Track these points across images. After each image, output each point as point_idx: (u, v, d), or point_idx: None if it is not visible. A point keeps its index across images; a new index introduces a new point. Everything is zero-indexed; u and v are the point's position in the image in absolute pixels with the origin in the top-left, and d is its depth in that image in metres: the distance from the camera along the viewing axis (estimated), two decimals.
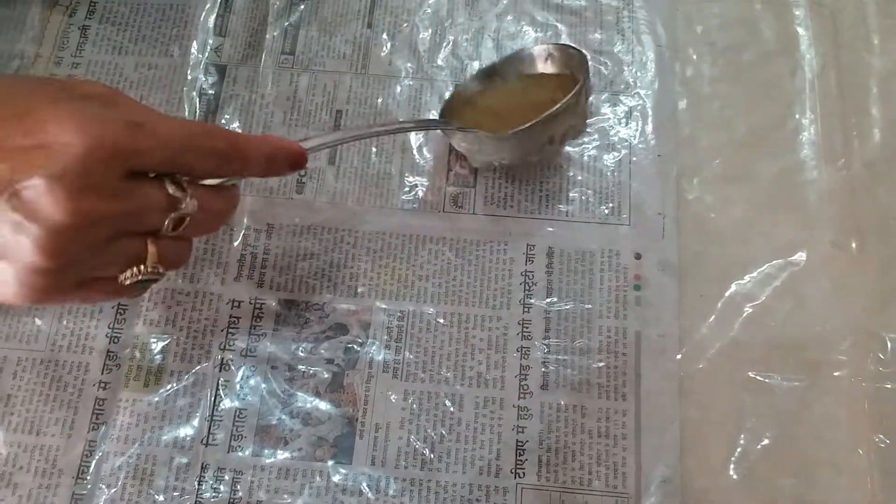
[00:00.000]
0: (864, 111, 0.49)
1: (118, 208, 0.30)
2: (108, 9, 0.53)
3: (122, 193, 0.30)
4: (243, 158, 0.35)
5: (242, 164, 0.35)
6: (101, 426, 0.43)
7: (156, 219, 0.32)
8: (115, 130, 0.30)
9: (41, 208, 0.28)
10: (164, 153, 0.31)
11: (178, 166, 0.32)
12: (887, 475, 0.42)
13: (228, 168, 0.34)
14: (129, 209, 0.31)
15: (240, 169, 0.35)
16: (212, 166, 0.33)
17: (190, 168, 0.33)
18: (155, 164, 0.31)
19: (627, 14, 0.52)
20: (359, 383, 0.44)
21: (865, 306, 0.45)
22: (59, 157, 0.29)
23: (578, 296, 0.46)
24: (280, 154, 0.37)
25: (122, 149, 0.30)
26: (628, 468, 0.42)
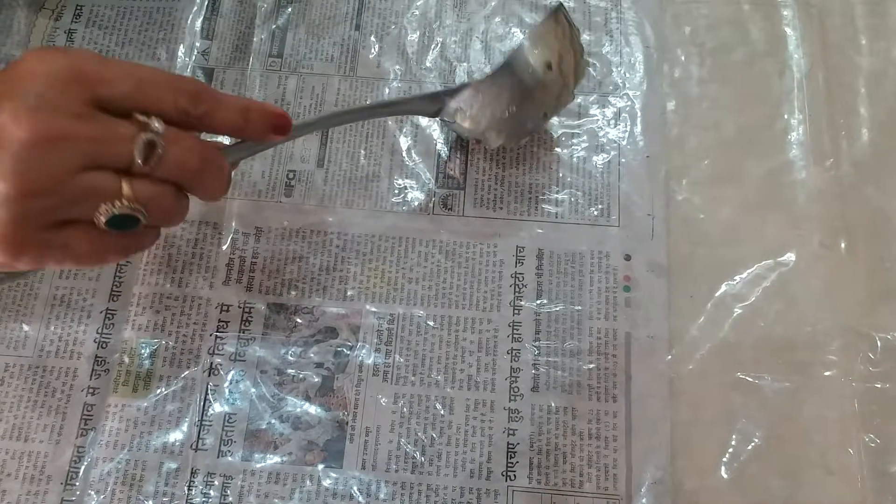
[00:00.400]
0: (853, 111, 0.49)
1: (82, 130, 0.30)
2: (94, 12, 0.53)
3: (87, 117, 0.30)
4: (215, 101, 0.34)
5: (214, 106, 0.34)
6: (89, 432, 0.43)
7: (124, 147, 0.31)
8: (81, 58, 0.30)
9: (6, 130, 0.28)
10: (130, 83, 0.31)
11: (145, 99, 0.31)
12: (877, 475, 0.42)
13: (197, 109, 0.33)
14: (94, 133, 0.30)
15: (211, 111, 0.34)
16: (181, 103, 0.32)
17: (157, 102, 0.32)
18: (120, 95, 0.31)
19: (616, 15, 0.52)
20: (349, 387, 0.44)
21: (855, 306, 0.45)
22: (22, 83, 0.29)
23: (568, 297, 0.46)
24: (257, 109, 0.36)
25: (88, 73, 0.30)
26: (619, 470, 0.42)
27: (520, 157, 0.49)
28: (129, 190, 0.31)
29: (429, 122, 0.49)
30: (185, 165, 0.33)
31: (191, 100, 0.33)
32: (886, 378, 0.44)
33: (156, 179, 0.32)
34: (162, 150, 0.31)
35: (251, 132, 0.36)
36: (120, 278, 0.46)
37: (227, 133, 0.36)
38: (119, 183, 0.31)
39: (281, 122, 0.36)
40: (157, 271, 0.46)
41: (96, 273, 0.46)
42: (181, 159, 0.33)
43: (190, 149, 0.33)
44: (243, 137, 0.37)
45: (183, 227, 0.47)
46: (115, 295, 0.46)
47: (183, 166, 0.33)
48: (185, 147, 0.33)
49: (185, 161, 0.33)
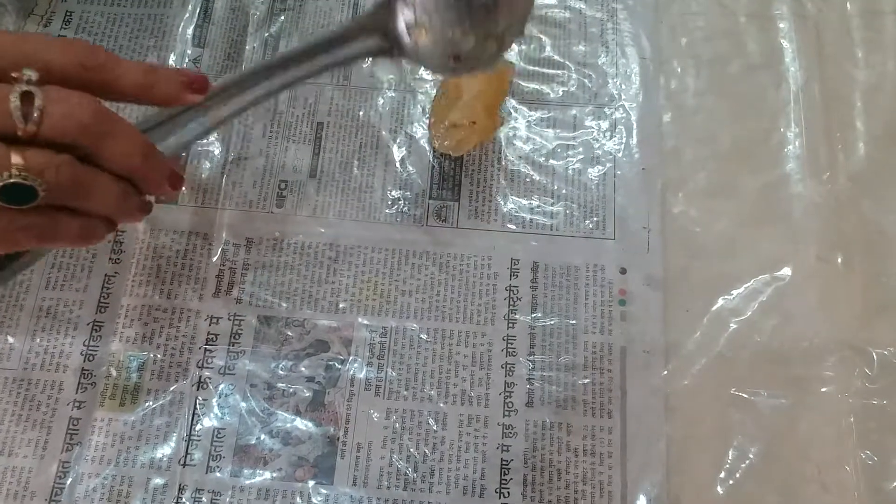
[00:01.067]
0: (849, 124, 0.49)
1: None
2: (84, 19, 0.52)
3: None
4: (114, 59, 0.31)
5: (111, 62, 0.31)
6: (75, 447, 0.42)
7: (1, 105, 0.28)
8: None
9: None
10: (9, 40, 0.29)
11: (27, 53, 0.29)
12: (874, 492, 0.41)
13: (93, 60, 0.30)
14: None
15: (108, 66, 0.30)
16: (72, 56, 0.29)
17: (42, 55, 0.29)
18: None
19: (612, 26, 0.52)
20: (340, 402, 0.43)
21: (851, 321, 0.45)
22: None
23: (563, 311, 0.45)
24: (165, 69, 0.32)
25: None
26: (614, 486, 0.42)
27: (514, 168, 0.48)
28: (20, 157, 0.28)
29: (423, 133, 0.49)
30: (75, 120, 0.29)
31: (86, 53, 0.30)
32: (883, 394, 0.43)
33: (50, 145, 0.29)
34: (42, 103, 0.28)
35: (161, 92, 0.32)
36: (108, 289, 0.45)
37: (133, 94, 0.32)
38: (6, 151, 0.28)
39: (195, 80, 0.33)
40: (146, 282, 0.45)
41: (83, 284, 0.45)
42: (69, 113, 0.29)
43: (78, 103, 0.29)
44: (153, 101, 0.33)
45: (172, 237, 0.46)
46: (103, 306, 0.45)
47: (73, 122, 0.29)
48: (73, 101, 0.29)
49: (74, 115, 0.29)
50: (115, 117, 0.31)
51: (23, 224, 0.30)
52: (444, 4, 0.36)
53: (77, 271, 0.46)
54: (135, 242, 0.46)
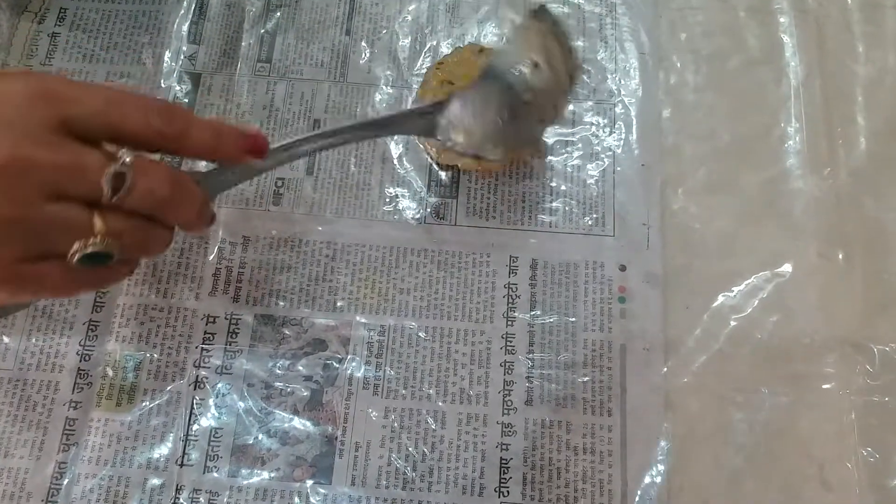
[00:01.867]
0: (850, 120, 0.49)
1: (49, 157, 0.28)
2: (78, 15, 0.52)
3: (55, 144, 0.29)
4: (187, 120, 0.33)
5: (187, 125, 0.32)
6: (71, 447, 0.42)
7: (92, 177, 0.29)
8: (48, 78, 0.29)
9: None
10: (99, 101, 0.30)
11: (116, 118, 0.30)
12: (876, 490, 0.41)
13: (171, 127, 0.32)
14: (62, 162, 0.29)
15: (184, 130, 0.32)
16: (153, 122, 0.31)
17: (128, 119, 0.31)
18: (89, 113, 0.30)
19: (610, 21, 0.51)
20: (338, 401, 0.43)
21: (853, 318, 0.44)
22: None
23: (563, 308, 0.45)
24: (230, 129, 0.34)
25: (55, 92, 0.29)
26: (614, 485, 0.41)
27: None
28: (102, 225, 0.30)
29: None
30: (155, 195, 0.31)
31: (163, 118, 0.32)
32: (885, 391, 0.43)
33: (126, 212, 0.31)
34: (131, 181, 0.30)
35: (225, 153, 0.35)
36: (104, 289, 0.45)
37: (200, 154, 0.35)
38: (90, 217, 0.30)
39: (255, 144, 0.35)
40: (142, 282, 0.45)
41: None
42: (150, 189, 0.31)
43: (160, 178, 0.32)
44: (217, 159, 0.36)
45: None
46: (99, 306, 0.45)
47: (153, 196, 0.31)
48: (155, 177, 0.31)
49: (155, 191, 0.31)
50: (187, 185, 0.34)
51: (91, 279, 0.33)
52: (483, 126, 0.41)
53: None
54: None
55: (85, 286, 0.33)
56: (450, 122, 0.41)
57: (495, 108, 0.42)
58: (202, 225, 0.36)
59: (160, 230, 0.34)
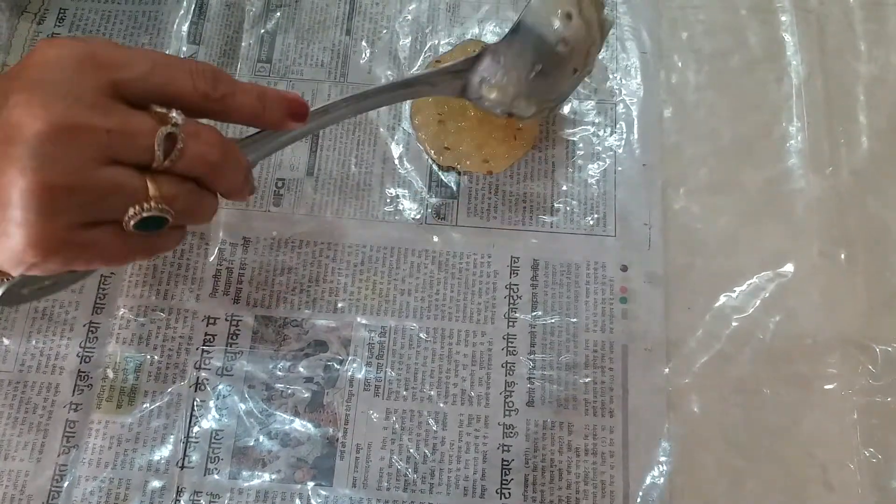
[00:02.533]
0: (852, 118, 0.48)
1: (100, 122, 0.28)
2: (77, 16, 0.52)
3: (105, 108, 0.29)
4: (233, 84, 0.33)
5: (232, 89, 0.32)
6: (72, 449, 0.42)
7: (143, 140, 0.29)
8: (95, 43, 0.29)
9: (21, 123, 0.27)
10: (146, 64, 0.30)
11: (163, 81, 0.30)
12: (878, 490, 0.41)
13: (216, 91, 0.32)
14: (113, 125, 0.28)
15: (230, 94, 0.32)
16: (200, 85, 0.31)
17: (175, 83, 0.31)
18: (137, 77, 0.30)
19: None
20: (339, 402, 0.43)
21: (855, 318, 0.44)
22: (35, 71, 0.28)
23: (564, 309, 0.45)
24: (274, 94, 0.34)
25: (102, 57, 0.29)
26: (616, 486, 0.41)
27: (514, 165, 0.47)
28: (156, 189, 0.30)
29: None
30: (206, 159, 0.31)
31: (210, 81, 0.31)
32: (887, 391, 0.43)
33: (178, 176, 0.31)
34: (182, 143, 0.30)
35: (268, 118, 0.34)
36: (104, 290, 0.45)
37: (245, 120, 0.34)
38: (144, 181, 0.30)
39: (298, 108, 0.35)
40: (142, 283, 0.45)
41: (79, 285, 0.45)
42: (201, 153, 0.31)
43: (209, 142, 0.32)
44: (261, 125, 0.35)
45: None
46: (99, 307, 0.44)
47: (203, 160, 0.31)
48: (205, 140, 0.31)
49: (206, 155, 0.31)
50: (234, 151, 0.33)
51: (144, 245, 0.32)
52: (517, 81, 0.41)
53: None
54: None
55: (139, 253, 0.33)
56: (482, 79, 0.41)
57: (529, 62, 0.41)
58: (246, 193, 0.36)
59: (209, 196, 0.33)
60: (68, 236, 0.29)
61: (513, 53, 0.41)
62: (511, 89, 0.41)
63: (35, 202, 0.28)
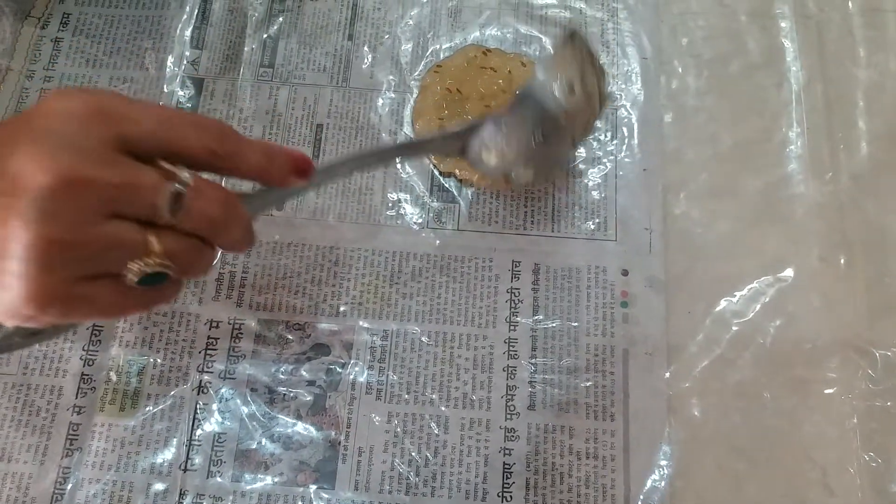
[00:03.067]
0: (851, 124, 0.49)
1: (106, 176, 0.28)
2: (81, 20, 0.52)
3: (111, 161, 0.28)
4: (240, 141, 0.32)
5: (239, 147, 0.32)
6: (75, 452, 0.42)
7: (149, 195, 0.29)
8: (103, 96, 0.29)
9: (26, 174, 0.26)
10: (155, 120, 0.30)
11: (171, 138, 0.30)
12: (878, 494, 0.41)
13: (224, 148, 0.31)
14: (119, 179, 0.28)
15: (237, 152, 0.32)
16: (207, 142, 0.31)
17: (183, 140, 0.30)
18: (145, 133, 0.29)
19: (612, 26, 0.52)
20: (341, 405, 0.43)
21: (855, 322, 0.44)
22: (42, 122, 0.28)
23: (565, 313, 0.45)
24: (280, 151, 0.34)
25: (110, 110, 0.29)
26: (617, 490, 0.42)
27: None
28: (159, 245, 0.29)
29: None
30: (210, 216, 0.31)
31: (217, 139, 0.31)
32: (887, 396, 0.43)
33: (181, 232, 0.30)
34: (188, 201, 0.30)
35: (274, 175, 0.34)
36: None
37: (251, 176, 0.34)
38: (145, 236, 0.29)
39: (303, 166, 0.35)
40: None
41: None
42: (205, 210, 0.31)
43: (214, 199, 0.31)
44: (266, 181, 0.35)
45: None
46: None
47: (208, 217, 0.31)
48: (210, 197, 0.31)
49: (210, 212, 0.31)
50: (237, 207, 0.33)
51: (142, 299, 0.32)
52: (516, 148, 0.41)
53: None
54: None
55: (135, 307, 0.32)
56: (483, 145, 0.42)
57: (530, 131, 0.41)
58: (246, 247, 0.36)
59: (208, 250, 0.33)
60: (67, 290, 0.29)
61: (515, 122, 0.41)
62: (510, 156, 0.42)
63: (36, 255, 0.27)
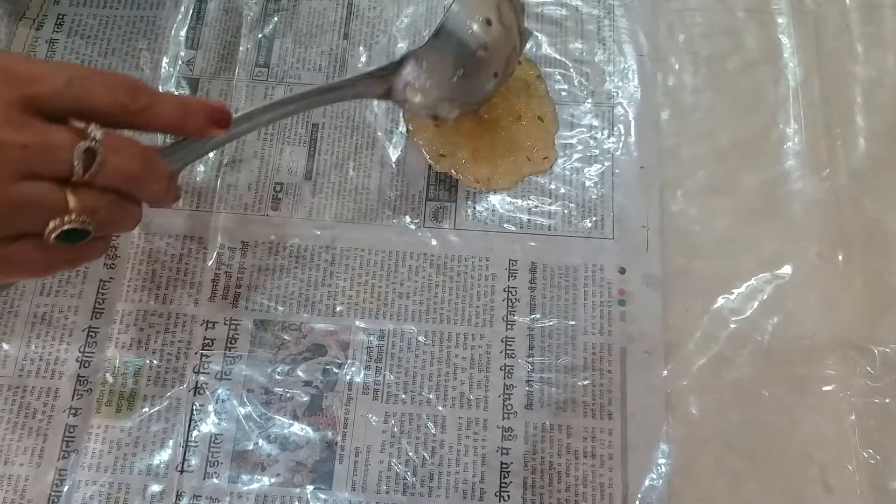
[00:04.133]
0: (849, 120, 0.49)
1: (15, 137, 0.28)
2: (76, 21, 0.52)
3: (19, 123, 0.28)
4: (152, 95, 0.32)
5: (152, 100, 0.32)
6: (71, 454, 0.42)
7: (61, 155, 0.29)
8: (7, 58, 0.29)
9: None
10: (62, 78, 0.30)
11: (80, 95, 0.30)
12: (877, 492, 0.41)
13: (136, 103, 0.31)
14: (29, 140, 0.28)
15: (149, 105, 0.32)
16: (119, 97, 0.31)
17: (93, 96, 0.30)
18: (52, 91, 0.29)
19: (608, 23, 0.51)
20: (338, 406, 0.43)
21: (853, 319, 0.44)
22: None
23: (562, 312, 0.45)
24: (196, 102, 0.34)
25: (15, 72, 0.29)
26: (615, 489, 0.41)
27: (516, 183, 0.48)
28: (76, 202, 0.30)
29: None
30: (127, 172, 0.31)
31: (128, 94, 0.31)
32: (885, 393, 0.43)
33: (99, 188, 0.31)
34: (102, 157, 0.30)
35: (191, 126, 0.34)
36: (103, 295, 0.45)
37: (166, 128, 0.35)
38: (63, 195, 0.29)
39: (220, 116, 0.35)
40: (141, 288, 0.45)
41: (78, 290, 0.45)
42: (121, 166, 0.31)
43: (130, 154, 0.31)
44: (183, 133, 0.35)
45: (167, 241, 0.46)
46: (98, 312, 0.45)
47: (124, 173, 0.31)
48: (126, 153, 0.31)
49: (126, 167, 0.31)
50: (156, 161, 0.33)
51: (66, 257, 0.32)
52: (438, 84, 0.42)
53: (72, 277, 0.45)
54: (129, 247, 0.46)
55: (61, 265, 0.33)
56: (406, 83, 0.43)
57: (450, 66, 0.42)
58: (170, 200, 0.36)
59: (132, 205, 0.33)
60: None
61: (435, 58, 0.42)
62: (434, 93, 0.43)
63: None
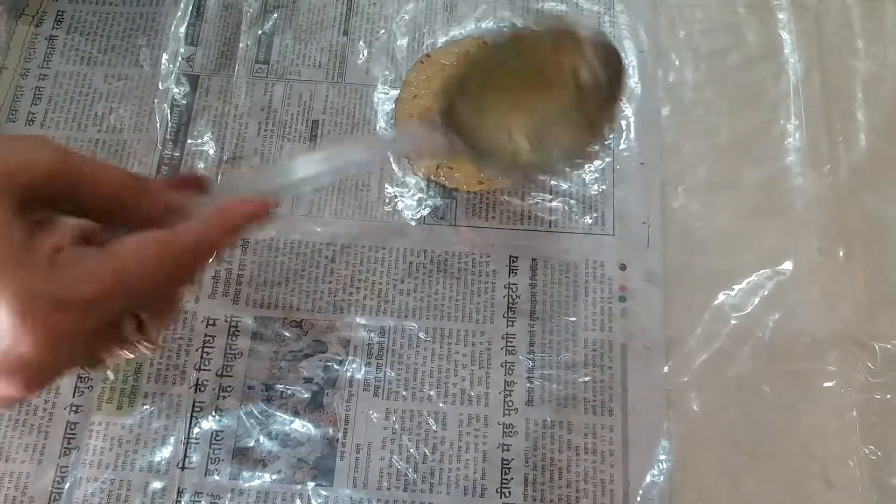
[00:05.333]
0: (850, 116, 0.48)
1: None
2: (76, 18, 0.52)
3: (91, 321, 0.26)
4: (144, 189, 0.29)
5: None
6: (72, 451, 0.42)
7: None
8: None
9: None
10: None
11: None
12: (878, 487, 0.41)
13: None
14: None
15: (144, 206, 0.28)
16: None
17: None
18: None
19: (609, 19, 0.51)
20: (339, 402, 0.43)
21: (854, 315, 0.44)
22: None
23: (563, 308, 0.45)
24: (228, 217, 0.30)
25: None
26: (616, 485, 0.41)
27: None
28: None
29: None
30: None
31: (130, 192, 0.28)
32: (886, 388, 0.43)
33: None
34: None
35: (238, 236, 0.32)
36: None
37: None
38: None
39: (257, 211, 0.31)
40: None
41: None
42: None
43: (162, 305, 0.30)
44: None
45: None
46: None
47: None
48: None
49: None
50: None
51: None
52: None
53: None
54: None
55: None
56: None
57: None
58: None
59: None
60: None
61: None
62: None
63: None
